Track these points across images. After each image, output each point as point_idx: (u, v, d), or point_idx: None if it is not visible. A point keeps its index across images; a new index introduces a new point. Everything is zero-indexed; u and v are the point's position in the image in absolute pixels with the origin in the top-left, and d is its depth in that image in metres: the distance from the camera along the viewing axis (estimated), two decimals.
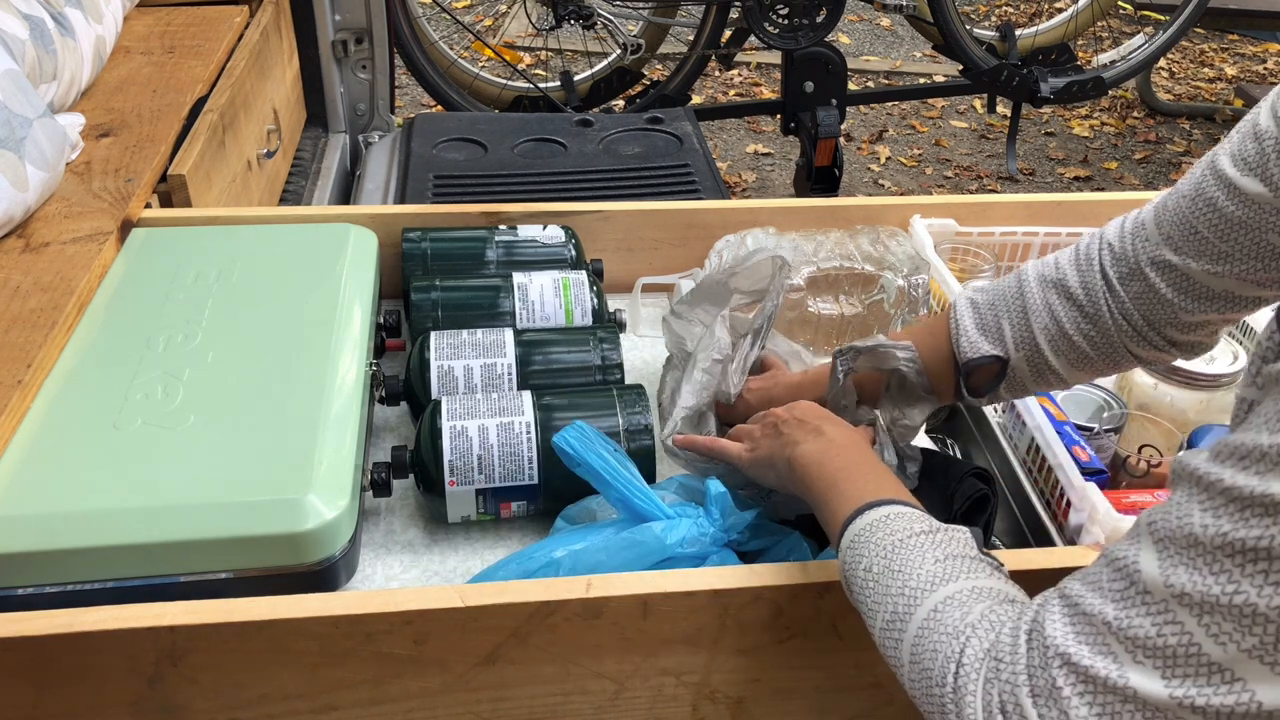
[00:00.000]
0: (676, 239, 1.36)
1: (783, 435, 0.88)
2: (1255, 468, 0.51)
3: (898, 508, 0.74)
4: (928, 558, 0.68)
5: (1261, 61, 4.51)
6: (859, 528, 0.74)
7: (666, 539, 0.88)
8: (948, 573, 0.67)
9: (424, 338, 1.11)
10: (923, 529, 0.71)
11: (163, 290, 1.10)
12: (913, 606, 0.66)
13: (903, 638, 0.66)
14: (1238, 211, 0.71)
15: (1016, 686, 0.58)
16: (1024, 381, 0.89)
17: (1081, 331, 0.84)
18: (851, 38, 4.55)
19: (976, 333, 0.89)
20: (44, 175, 1.19)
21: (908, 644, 0.65)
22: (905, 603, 0.67)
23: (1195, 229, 0.75)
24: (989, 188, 3.46)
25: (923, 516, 0.73)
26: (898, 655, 0.67)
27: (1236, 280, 0.75)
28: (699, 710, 0.87)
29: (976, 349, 0.88)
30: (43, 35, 1.33)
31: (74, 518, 0.83)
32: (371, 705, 0.81)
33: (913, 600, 0.66)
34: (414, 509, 1.03)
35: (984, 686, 0.60)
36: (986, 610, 0.63)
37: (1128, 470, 1.06)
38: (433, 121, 2.03)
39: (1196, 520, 0.53)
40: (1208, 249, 0.75)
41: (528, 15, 2.88)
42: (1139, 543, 0.56)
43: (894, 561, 0.69)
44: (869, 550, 0.71)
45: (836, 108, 2.78)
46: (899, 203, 1.40)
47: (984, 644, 0.61)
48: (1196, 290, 0.77)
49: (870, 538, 0.72)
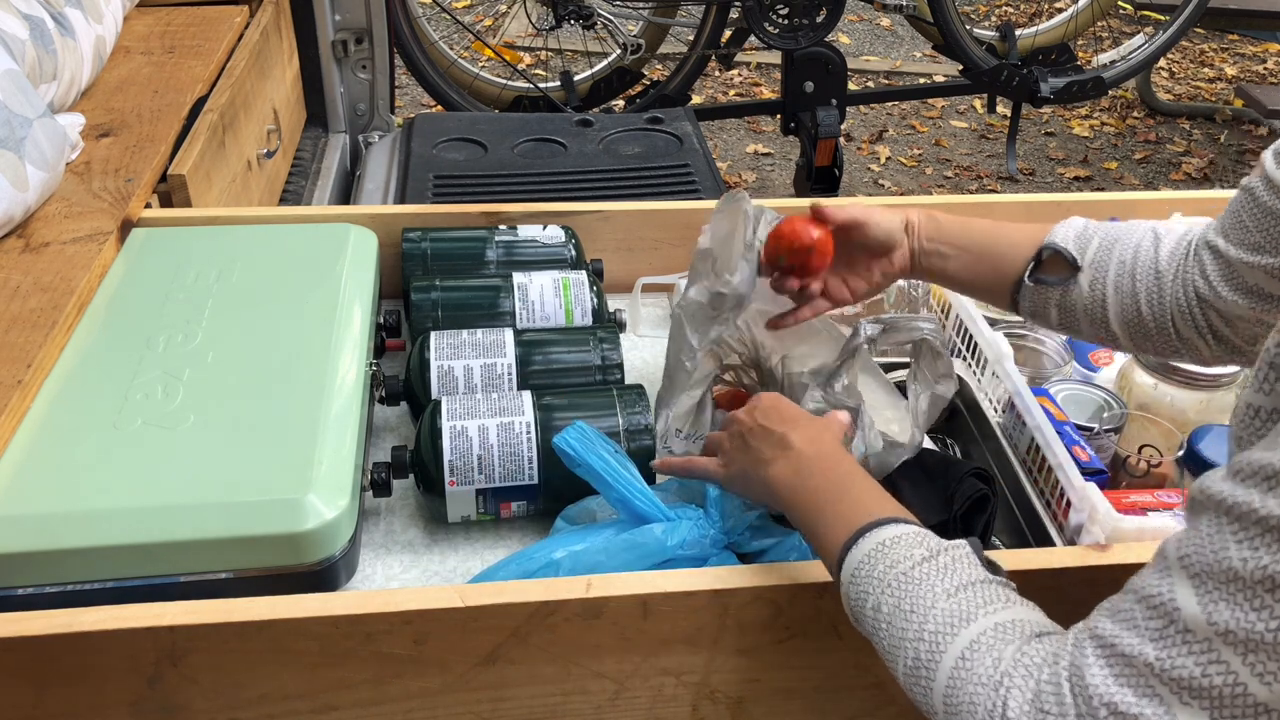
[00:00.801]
0: (676, 239, 1.36)
1: (750, 450, 0.84)
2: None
3: (891, 529, 0.71)
4: (939, 593, 0.66)
5: (1261, 61, 4.51)
6: (857, 559, 0.71)
7: (667, 541, 0.88)
8: (964, 610, 0.65)
9: (424, 338, 1.11)
10: (923, 554, 0.69)
11: (163, 290, 1.10)
12: (937, 654, 0.64)
13: (932, 687, 0.64)
14: (1273, 203, 0.74)
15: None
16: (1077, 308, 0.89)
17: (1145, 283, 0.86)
18: (851, 38, 4.55)
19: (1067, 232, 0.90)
20: (44, 175, 1.19)
21: (939, 694, 0.63)
22: (927, 649, 0.64)
23: (1239, 216, 0.78)
24: (989, 188, 3.46)
25: (920, 536, 0.70)
26: (929, 704, 0.64)
27: (1265, 274, 0.75)
28: (699, 710, 0.87)
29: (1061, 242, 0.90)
30: (43, 35, 1.33)
31: (74, 518, 0.83)
32: (371, 705, 0.81)
33: (935, 647, 0.64)
34: (414, 509, 1.03)
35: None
36: (1017, 653, 0.61)
37: (1128, 470, 1.06)
38: (433, 121, 2.03)
39: (1234, 554, 0.51)
40: (1247, 237, 0.77)
41: (528, 15, 2.88)
42: (1171, 577, 0.54)
43: (904, 600, 0.67)
44: (873, 586, 0.69)
45: (836, 108, 2.78)
46: (899, 203, 1.40)
47: (1026, 695, 0.59)
48: (1233, 279, 0.79)
49: (872, 572, 0.70)
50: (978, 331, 1.16)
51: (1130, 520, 0.91)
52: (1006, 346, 1.12)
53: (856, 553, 0.71)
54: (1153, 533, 0.90)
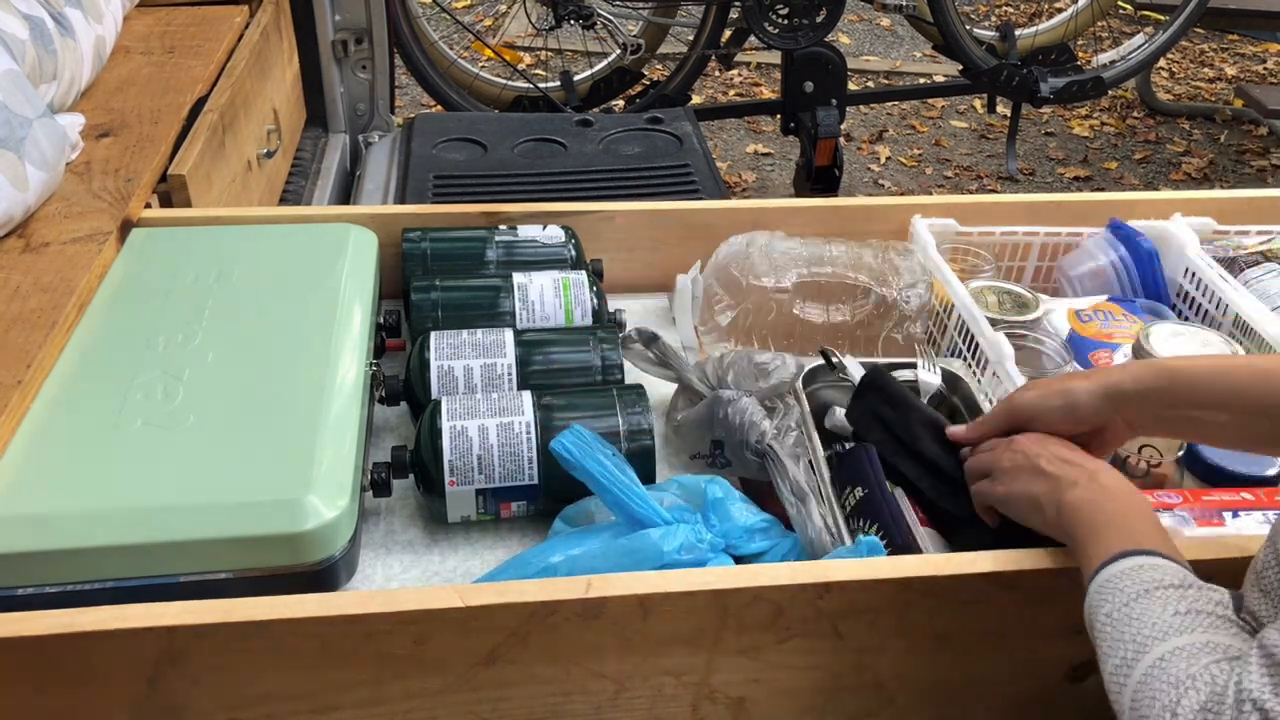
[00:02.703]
0: (676, 239, 1.36)
1: (1049, 475, 0.81)
2: None
3: (1154, 559, 0.71)
4: (1168, 610, 0.67)
5: (1261, 61, 4.51)
6: (1110, 573, 0.71)
7: (664, 546, 0.88)
8: (1184, 625, 0.65)
9: (424, 338, 1.11)
10: (1173, 583, 0.69)
11: (163, 290, 1.10)
12: (1141, 654, 0.65)
13: (1127, 683, 0.65)
14: None
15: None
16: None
17: None
18: (851, 38, 4.55)
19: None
20: (44, 175, 1.19)
21: (1130, 689, 0.64)
22: (1135, 649, 0.65)
23: None
24: (989, 188, 3.46)
25: (1180, 572, 0.70)
26: (1120, 700, 0.65)
27: None
28: (699, 710, 0.87)
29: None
30: (43, 35, 1.33)
31: (74, 518, 0.83)
32: (371, 705, 0.81)
33: (1142, 648, 0.65)
34: (414, 509, 1.03)
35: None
36: (1211, 664, 0.62)
37: (1128, 470, 1.06)
38: (433, 121, 2.03)
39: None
40: None
41: (528, 15, 2.88)
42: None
43: (1134, 610, 0.68)
44: (1113, 596, 0.70)
45: (836, 108, 2.78)
46: (899, 203, 1.40)
47: (1200, 697, 0.60)
48: None
49: (1118, 584, 0.70)
50: (979, 331, 1.16)
51: None
52: (1008, 347, 1.12)
53: (1113, 568, 0.71)
54: None
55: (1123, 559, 0.72)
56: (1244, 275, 1.29)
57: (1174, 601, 0.67)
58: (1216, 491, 0.99)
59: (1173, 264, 1.33)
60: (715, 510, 0.93)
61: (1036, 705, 0.91)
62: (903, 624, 0.84)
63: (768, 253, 1.26)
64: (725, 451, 1.07)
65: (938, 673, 0.88)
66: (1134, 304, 1.27)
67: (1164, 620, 0.66)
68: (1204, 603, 0.67)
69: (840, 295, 1.24)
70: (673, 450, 1.13)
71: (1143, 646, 0.65)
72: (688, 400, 1.11)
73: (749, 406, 1.04)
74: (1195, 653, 0.63)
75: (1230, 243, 1.35)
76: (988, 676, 0.89)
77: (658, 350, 1.12)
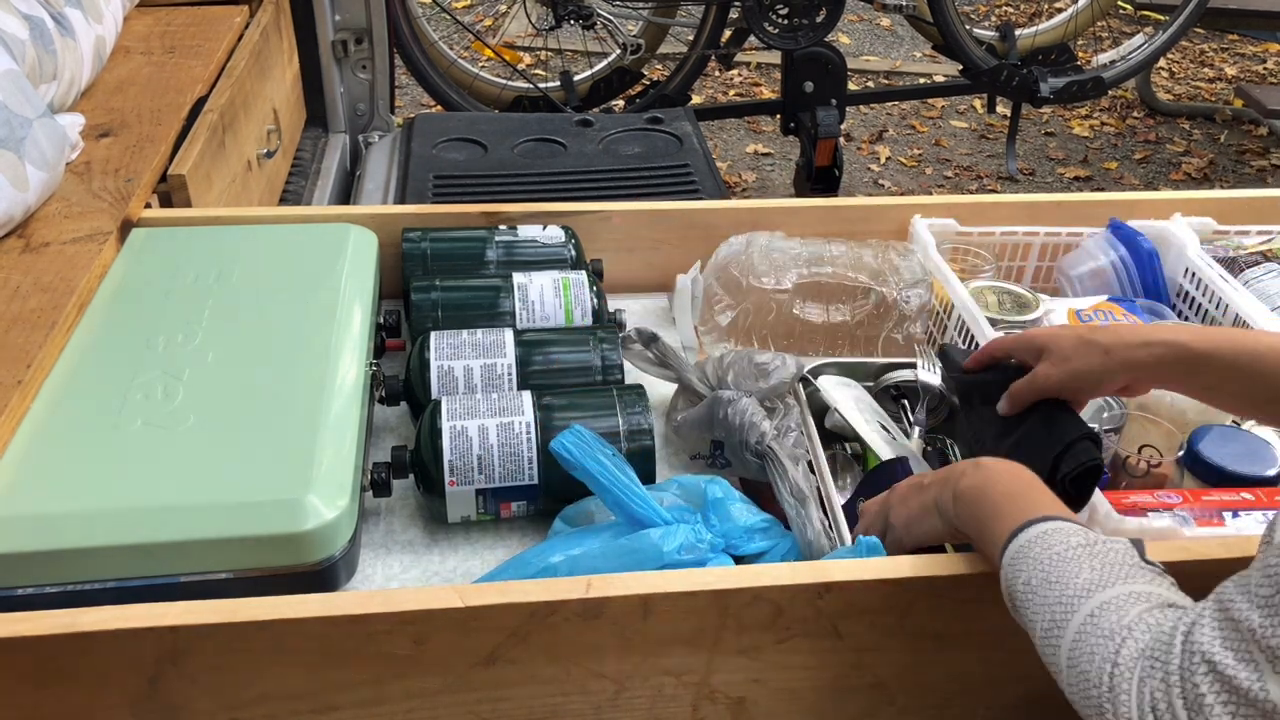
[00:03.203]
0: (676, 239, 1.36)
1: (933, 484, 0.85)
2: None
3: (1055, 523, 0.73)
4: (1084, 567, 0.68)
5: (1261, 61, 4.51)
6: (1018, 545, 0.73)
7: (664, 546, 0.88)
8: (1104, 579, 0.67)
9: (424, 338, 1.11)
10: (1080, 541, 0.70)
11: (163, 290, 1.10)
12: (1070, 613, 0.66)
13: (1060, 643, 0.66)
14: None
15: (1170, 688, 0.58)
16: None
17: None
18: (851, 38, 4.55)
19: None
20: (44, 175, 1.19)
21: (1065, 649, 0.65)
22: (1062, 610, 0.67)
23: None
24: (989, 188, 3.46)
25: (1081, 531, 0.72)
26: (1056, 661, 0.67)
27: None
28: (699, 710, 0.87)
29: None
30: (43, 35, 1.33)
31: (74, 518, 0.83)
32: (371, 705, 0.81)
33: (1069, 607, 0.66)
34: (414, 509, 1.03)
35: (1138, 686, 0.60)
36: (1143, 612, 0.63)
37: (1128, 470, 1.06)
38: (433, 121, 2.03)
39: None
40: None
41: (528, 15, 2.88)
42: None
43: (1051, 573, 0.69)
44: (1027, 565, 0.71)
45: (836, 108, 2.78)
46: (899, 203, 1.40)
47: (1140, 644, 0.61)
48: None
49: (1029, 553, 0.72)
50: (979, 331, 1.16)
51: (1131, 521, 0.91)
52: None
53: (1019, 540, 0.73)
54: (1153, 533, 0.90)
55: (1027, 529, 0.73)
56: (1244, 275, 1.29)
57: (1086, 559, 0.69)
58: (1216, 491, 0.99)
59: (1173, 264, 1.33)
60: (715, 510, 0.93)
61: (1036, 705, 0.91)
62: (903, 624, 0.84)
63: (768, 253, 1.26)
64: (725, 452, 1.07)
65: (938, 673, 0.88)
66: (1134, 304, 1.27)
67: (1081, 578, 0.67)
68: (1113, 555, 0.69)
69: (840, 295, 1.24)
70: (673, 450, 1.13)
71: (1069, 606, 0.67)
72: (688, 400, 1.11)
73: (749, 407, 1.04)
74: (1122, 604, 0.65)
75: (1230, 243, 1.35)
76: (988, 676, 0.89)
77: (658, 350, 1.12)
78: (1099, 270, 1.33)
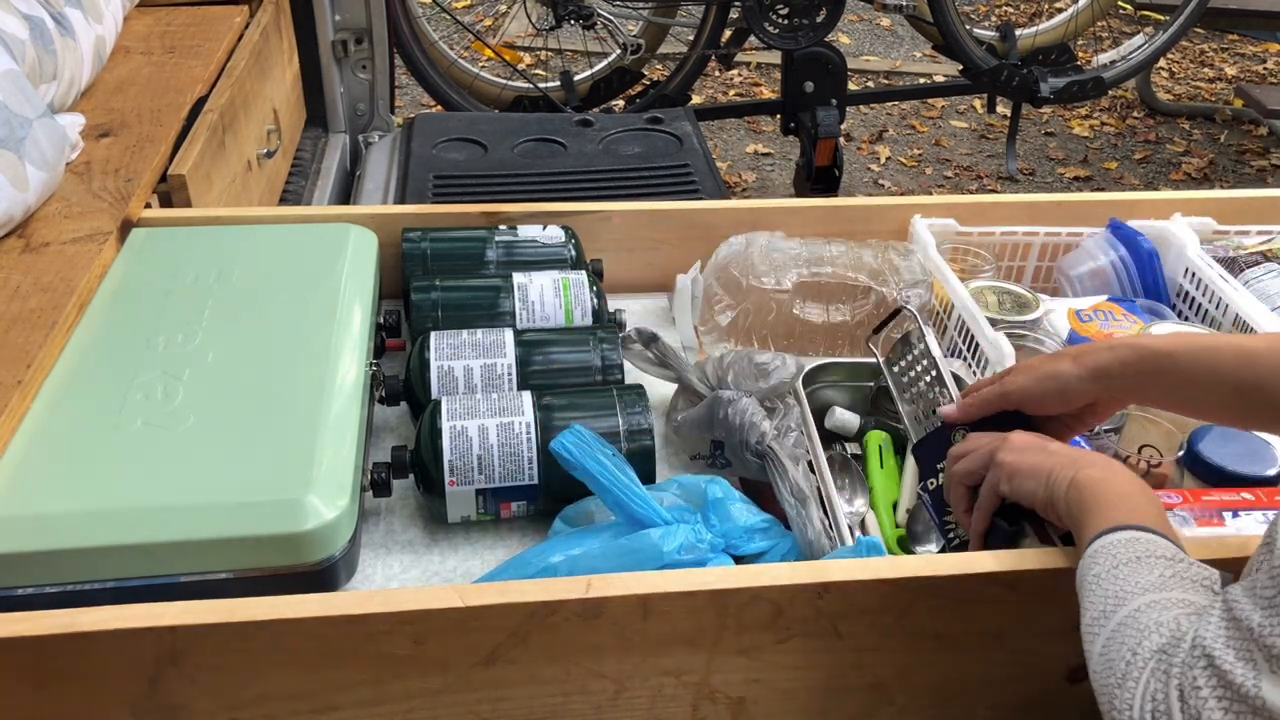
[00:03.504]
0: (676, 239, 1.36)
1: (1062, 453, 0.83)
2: None
3: (1152, 535, 0.72)
4: (1154, 572, 0.68)
5: (1261, 61, 4.51)
6: (1106, 540, 0.73)
7: (664, 546, 0.88)
8: (1164, 584, 0.67)
9: (424, 338, 1.11)
10: (1165, 555, 0.70)
11: (163, 290, 1.10)
12: (1119, 606, 0.67)
13: (1100, 632, 0.67)
14: None
15: (1169, 679, 0.59)
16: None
17: None
18: (851, 38, 4.55)
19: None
20: (44, 175, 1.19)
21: (1102, 638, 0.66)
22: (1114, 603, 0.67)
23: None
24: (989, 188, 3.46)
25: (1174, 550, 0.71)
26: (1091, 649, 0.67)
27: None
28: (699, 710, 0.87)
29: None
30: (43, 35, 1.33)
31: (74, 518, 0.83)
32: (371, 705, 0.81)
33: (1120, 600, 0.67)
34: (414, 509, 1.03)
35: (1146, 679, 0.61)
36: (1180, 615, 0.64)
37: None
38: (433, 121, 2.03)
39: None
40: None
41: (528, 15, 2.89)
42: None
43: (1121, 572, 0.69)
44: (1104, 559, 0.71)
45: (836, 108, 2.78)
46: (899, 203, 1.40)
47: (1160, 640, 0.62)
48: None
49: (1111, 549, 0.71)
50: (979, 332, 1.16)
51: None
52: (1008, 347, 1.12)
53: (1110, 537, 0.73)
54: None
55: (1122, 530, 0.73)
56: (1244, 275, 1.29)
57: (1161, 567, 0.69)
58: (1216, 491, 0.99)
59: (1173, 264, 1.33)
60: (715, 510, 0.93)
61: (1036, 705, 0.91)
62: (903, 624, 0.84)
63: (768, 253, 1.26)
64: (725, 452, 1.07)
65: (938, 673, 0.88)
66: (1134, 304, 1.27)
67: (1147, 580, 0.68)
68: (1191, 572, 0.69)
69: (840, 295, 1.24)
70: (673, 450, 1.13)
71: (1121, 600, 0.67)
72: (688, 400, 1.11)
73: (749, 407, 1.04)
74: (1168, 605, 0.65)
75: (1230, 243, 1.35)
76: (988, 676, 0.89)
77: (658, 350, 1.12)
78: (1099, 270, 1.34)
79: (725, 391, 1.06)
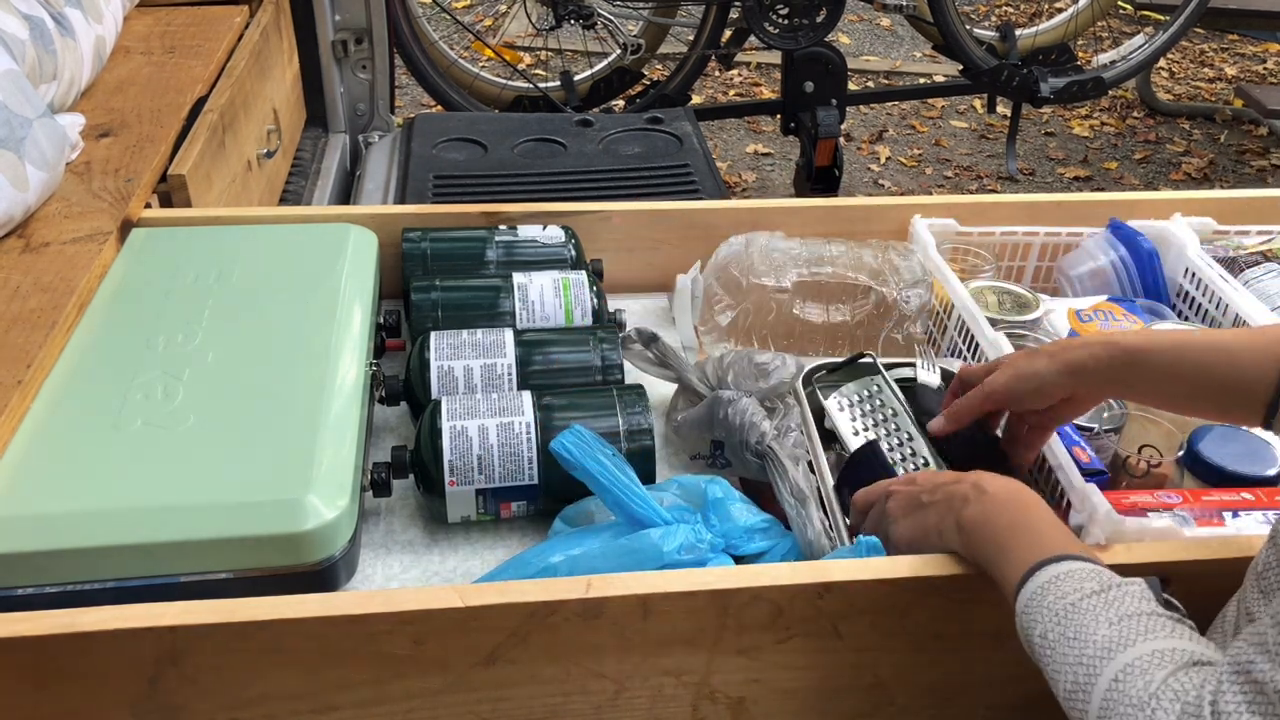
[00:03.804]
0: (677, 239, 1.36)
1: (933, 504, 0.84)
2: None
3: (1067, 565, 0.72)
4: (1101, 621, 0.67)
5: (1261, 61, 4.51)
6: (1030, 591, 0.72)
7: (664, 546, 0.88)
8: (1124, 636, 0.66)
9: (424, 338, 1.11)
10: (1094, 588, 0.69)
11: (163, 290, 1.10)
12: (1093, 677, 0.65)
13: (1087, 709, 0.65)
14: None
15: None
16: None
17: None
18: (851, 38, 4.55)
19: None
20: (44, 175, 1.19)
21: (1093, 714, 0.64)
22: (1085, 673, 0.65)
23: None
24: (989, 188, 3.46)
25: (1094, 572, 0.71)
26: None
27: None
28: (699, 710, 0.87)
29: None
30: (43, 35, 1.33)
31: (74, 518, 0.83)
32: (371, 705, 0.81)
33: (1092, 669, 0.65)
34: (414, 509, 1.03)
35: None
36: (1169, 677, 0.62)
37: (1128, 471, 1.06)
38: (433, 121, 2.03)
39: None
40: None
41: (528, 15, 2.89)
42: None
43: (1068, 628, 0.68)
44: (1042, 616, 0.70)
45: (836, 108, 2.78)
46: (899, 203, 1.40)
47: (1172, 716, 0.60)
48: None
49: (1042, 601, 0.70)
50: (979, 332, 1.16)
51: (1131, 521, 0.91)
52: (1008, 347, 1.12)
53: (1031, 585, 0.72)
54: (1153, 534, 0.90)
55: (1039, 571, 0.72)
56: (1244, 275, 1.29)
57: (1102, 610, 0.68)
58: (1216, 491, 0.99)
59: (1173, 264, 1.33)
60: (715, 510, 0.93)
61: (1036, 705, 0.91)
62: (903, 624, 0.84)
63: (768, 253, 1.26)
64: (725, 452, 1.07)
65: (937, 673, 0.88)
66: (1134, 304, 1.27)
67: (1101, 634, 0.66)
68: (1130, 603, 0.68)
69: (840, 295, 1.24)
70: (673, 450, 1.13)
71: (1091, 669, 0.65)
72: (688, 400, 1.11)
73: (749, 407, 1.04)
74: (1147, 667, 0.63)
75: (1230, 243, 1.35)
76: (988, 676, 0.89)
77: (658, 350, 1.12)
78: (1099, 270, 1.33)
79: (725, 391, 1.06)
